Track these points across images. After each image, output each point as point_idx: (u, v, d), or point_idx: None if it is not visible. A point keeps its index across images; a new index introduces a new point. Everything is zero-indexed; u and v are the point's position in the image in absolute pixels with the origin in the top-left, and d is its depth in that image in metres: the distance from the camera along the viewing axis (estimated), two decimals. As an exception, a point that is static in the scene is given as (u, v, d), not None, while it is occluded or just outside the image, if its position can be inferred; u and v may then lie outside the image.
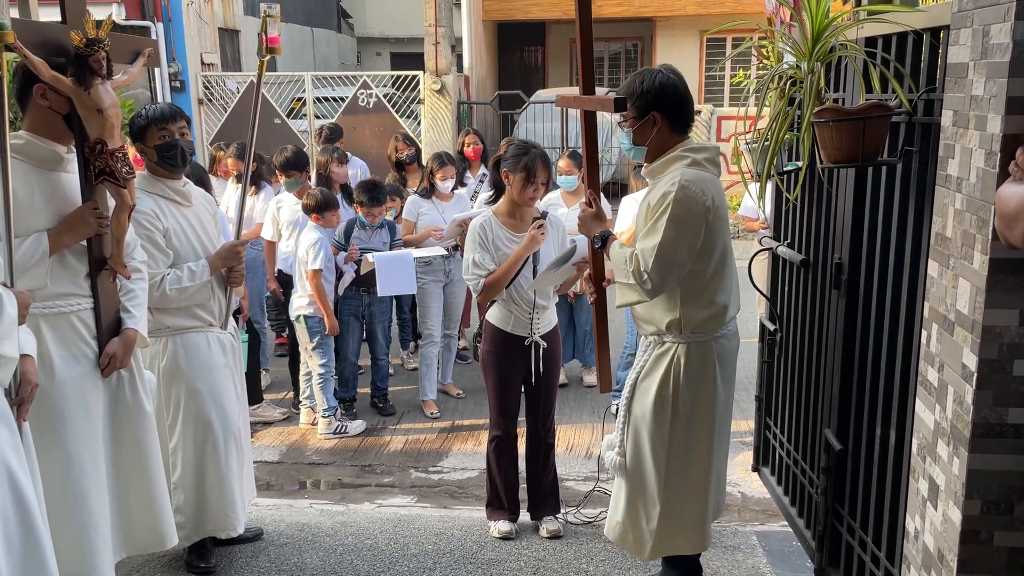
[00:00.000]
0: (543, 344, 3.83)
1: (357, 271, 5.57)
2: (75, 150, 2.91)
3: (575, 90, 3.45)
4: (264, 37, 3.57)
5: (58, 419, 2.88)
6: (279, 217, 5.92)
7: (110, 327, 3.00)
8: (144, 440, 3.15)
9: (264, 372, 6.31)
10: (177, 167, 3.40)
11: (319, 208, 5.37)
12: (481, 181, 6.86)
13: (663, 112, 2.88)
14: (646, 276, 2.77)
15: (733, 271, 3.03)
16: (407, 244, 5.86)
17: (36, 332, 2.81)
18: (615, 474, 3.13)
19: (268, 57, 3.63)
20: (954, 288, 2.01)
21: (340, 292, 5.61)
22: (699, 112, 12.54)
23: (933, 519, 2.12)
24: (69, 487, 2.90)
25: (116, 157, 2.81)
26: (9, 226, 2.54)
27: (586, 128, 3.20)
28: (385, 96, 13.08)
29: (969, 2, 1.96)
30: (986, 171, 1.86)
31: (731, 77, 15.19)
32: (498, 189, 4.07)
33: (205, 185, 4.78)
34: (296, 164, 6.03)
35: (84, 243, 2.92)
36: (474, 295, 3.95)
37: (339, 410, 5.62)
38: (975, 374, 1.90)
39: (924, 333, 2.19)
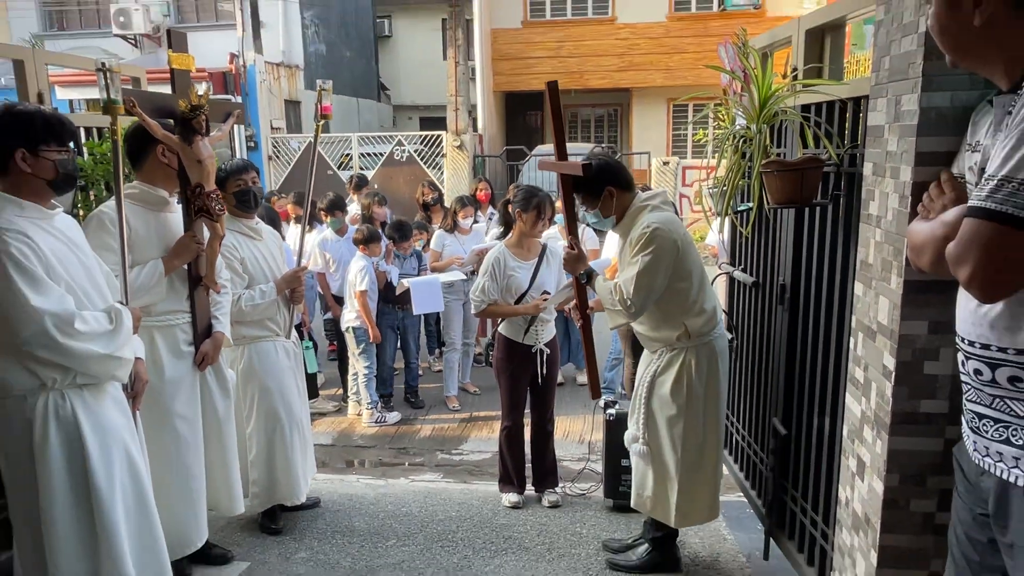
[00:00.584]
0: (546, 351, 3.84)
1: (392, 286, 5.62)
2: (178, 194, 2.98)
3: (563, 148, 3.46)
4: (319, 106, 3.62)
5: (167, 408, 2.94)
6: (327, 251, 5.97)
7: (203, 331, 3.05)
8: (224, 424, 3.19)
9: (319, 373, 6.32)
10: (251, 208, 3.45)
11: (366, 240, 5.39)
12: (490, 219, 6.90)
13: (612, 183, 2.91)
14: (629, 303, 2.78)
15: (709, 282, 3.03)
16: (433, 270, 5.88)
17: (150, 341, 2.87)
18: (642, 462, 3.05)
19: (322, 122, 3.69)
20: (876, 304, 2.02)
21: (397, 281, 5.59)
22: (667, 163, 12.56)
23: (861, 490, 2.12)
24: (177, 459, 2.96)
25: (211, 198, 2.87)
26: (124, 257, 2.58)
27: (563, 185, 3.18)
28: (415, 152, 13.19)
29: (884, 77, 1.99)
30: (900, 211, 1.88)
31: (693, 135, 15.24)
32: (507, 226, 4.09)
33: (276, 224, 4.83)
34: (339, 206, 6.13)
35: (185, 269, 2.97)
36: (473, 311, 3.97)
37: (379, 404, 5.62)
38: (893, 373, 1.91)
39: (852, 340, 2.20)
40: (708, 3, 14.61)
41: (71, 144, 2.33)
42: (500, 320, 3.91)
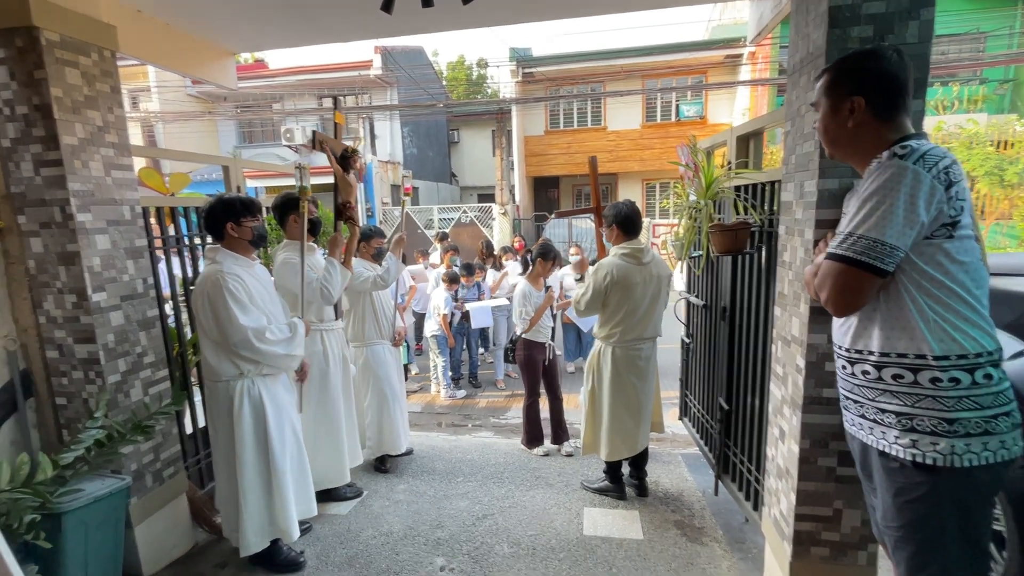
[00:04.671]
0: (552, 343, 3.86)
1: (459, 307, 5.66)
2: (311, 243, 2.92)
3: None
4: (403, 187, 3.67)
5: (331, 383, 2.98)
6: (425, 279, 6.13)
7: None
8: (349, 396, 3.21)
9: (412, 364, 6.39)
10: (380, 260, 3.35)
11: (450, 280, 5.53)
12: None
13: (617, 224, 2.90)
14: (576, 303, 2.94)
15: (636, 315, 2.86)
16: (490, 290, 5.96)
17: (321, 340, 2.91)
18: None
19: (407, 198, 3.71)
20: (790, 322, 1.99)
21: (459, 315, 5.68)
22: (643, 222, 12.43)
23: (782, 450, 2.06)
24: (331, 418, 2.99)
25: (352, 209, 2.81)
26: (303, 285, 2.54)
27: (596, 217, 3.14)
28: (475, 216, 13.28)
29: (792, 168, 1.97)
30: (804, 259, 1.85)
31: (661, 203, 15.10)
32: (525, 266, 4.14)
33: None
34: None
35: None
36: (525, 327, 3.86)
37: (452, 385, 5.63)
38: (804, 369, 1.87)
39: (774, 346, 2.16)
40: (668, 115, 14.56)
41: (260, 216, 2.38)
42: (528, 328, 3.89)
